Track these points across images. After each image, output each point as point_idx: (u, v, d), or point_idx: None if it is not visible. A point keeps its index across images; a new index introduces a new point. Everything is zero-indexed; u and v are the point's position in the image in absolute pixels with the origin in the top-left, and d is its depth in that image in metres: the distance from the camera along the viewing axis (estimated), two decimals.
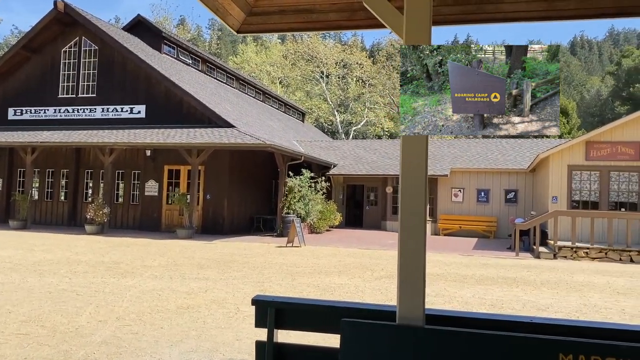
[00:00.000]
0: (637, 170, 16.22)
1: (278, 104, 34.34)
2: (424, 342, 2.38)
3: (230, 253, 13.57)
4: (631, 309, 7.81)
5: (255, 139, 17.62)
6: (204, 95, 20.76)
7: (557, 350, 2.21)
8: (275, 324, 2.80)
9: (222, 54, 69.11)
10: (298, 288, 8.75)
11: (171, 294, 7.98)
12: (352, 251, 15.08)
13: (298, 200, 19.53)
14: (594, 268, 12.76)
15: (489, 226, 22.74)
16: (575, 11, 3.27)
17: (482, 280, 10.29)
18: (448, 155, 25.17)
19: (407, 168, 2.50)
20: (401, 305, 2.45)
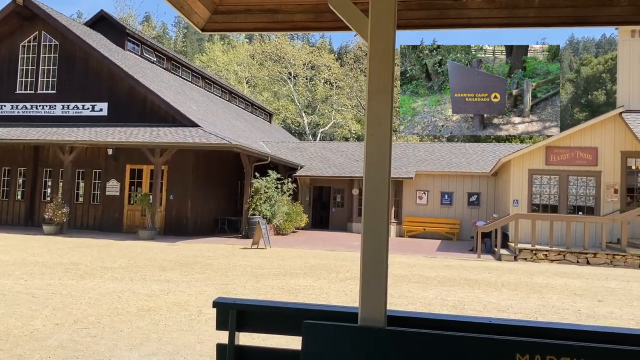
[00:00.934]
0: (594, 175, 16.77)
1: (245, 104, 34.10)
2: (386, 343, 2.38)
3: (194, 255, 13.39)
4: (587, 310, 8.05)
5: (220, 139, 17.44)
6: (169, 94, 20.44)
7: (514, 350, 2.25)
8: (237, 326, 2.76)
9: (188, 52, 68.25)
10: (263, 290, 8.69)
11: (132, 296, 7.81)
12: (318, 253, 15.09)
13: (264, 202, 19.43)
14: (553, 270, 13.11)
15: (452, 228, 23.12)
16: (535, 19, 3.34)
17: (444, 281, 10.43)
18: (413, 158, 25.48)
19: (370, 170, 2.50)
20: (363, 307, 2.45)
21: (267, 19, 3.63)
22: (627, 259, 14.24)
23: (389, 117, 2.50)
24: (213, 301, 2.83)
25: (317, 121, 50.82)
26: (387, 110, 2.49)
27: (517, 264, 14.23)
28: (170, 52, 26.74)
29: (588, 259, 14.54)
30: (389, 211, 2.45)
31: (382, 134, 2.50)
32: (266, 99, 48.89)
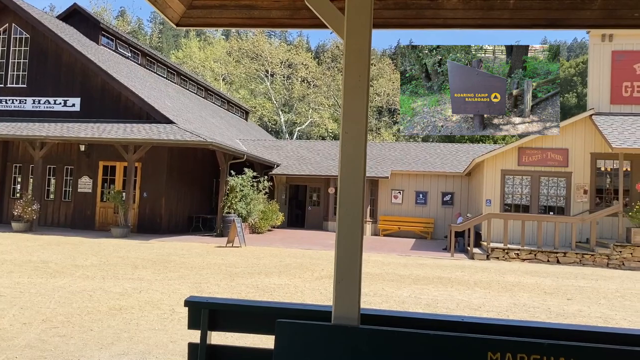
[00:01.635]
0: (565, 176, 17.12)
1: (221, 102, 33.83)
2: (359, 342, 2.38)
3: (167, 253, 13.23)
4: (556, 308, 8.21)
5: (195, 136, 17.27)
6: (143, 90, 20.15)
7: (486, 348, 2.27)
8: (209, 325, 2.73)
9: (164, 48, 67.39)
10: (237, 289, 8.64)
11: (103, 294, 7.67)
12: (293, 251, 15.06)
13: (239, 200, 19.31)
14: (524, 269, 13.34)
15: (426, 227, 23.34)
16: (509, 20, 3.38)
17: (418, 280, 10.52)
18: (389, 158, 25.64)
19: (345, 168, 2.50)
20: (337, 305, 2.45)
21: (243, 15, 3.59)
22: (596, 259, 14.58)
23: (365, 116, 2.49)
24: (185, 300, 2.79)
25: (294, 120, 50.74)
26: (362, 108, 2.49)
27: (489, 263, 14.44)
28: (145, 48, 26.35)
29: (558, 258, 14.84)
30: (364, 210, 2.43)
31: (357, 132, 2.50)
32: (243, 96, 48.59)
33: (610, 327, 3.58)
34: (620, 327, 7.06)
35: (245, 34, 52.95)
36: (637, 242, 14.30)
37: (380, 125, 53.02)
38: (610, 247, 14.56)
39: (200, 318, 2.73)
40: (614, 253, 14.44)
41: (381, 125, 53.01)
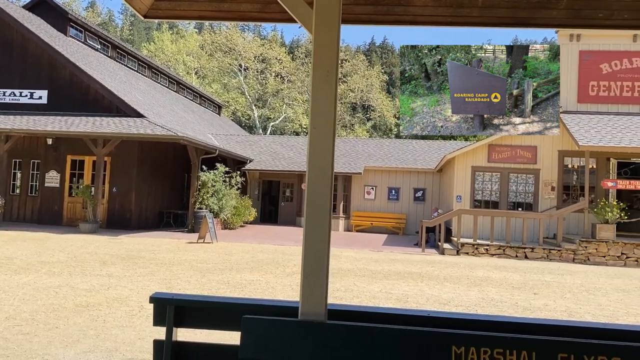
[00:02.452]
0: (533, 173, 17.47)
1: (193, 96, 33.43)
2: (326, 337, 2.38)
3: (137, 249, 13.04)
4: (523, 302, 8.37)
5: (166, 131, 17.04)
6: (113, 83, 19.77)
7: (450, 343, 2.30)
8: (175, 322, 2.70)
9: (135, 40, 66.22)
10: (207, 285, 8.57)
11: (70, 291, 7.52)
12: (266, 247, 15.01)
13: (211, 195, 19.14)
14: (493, 264, 13.58)
15: (398, 223, 23.54)
16: (478, 19, 3.42)
17: (389, 275, 10.61)
18: (362, 154, 25.75)
19: (314, 163, 2.49)
20: (304, 301, 2.44)
21: (212, 8, 3.54)
22: (562, 254, 14.93)
23: (333, 110, 2.49)
24: (150, 296, 2.75)
25: (267, 115, 50.49)
26: (331, 103, 2.48)
27: (459, 258, 14.64)
28: (115, 40, 25.83)
29: (526, 254, 15.14)
30: (333, 206, 2.43)
31: (326, 127, 2.49)
32: (215, 90, 48.11)
33: (572, 321, 3.67)
34: (583, 320, 7.25)
35: (218, 27, 52.39)
36: (602, 237, 14.69)
37: (355, 121, 53.20)
38: (576, 242, 14.93)
39: (165, 315, 2.70)
40: (580, 248, 14.80)
41: (355, 122, 53.20)
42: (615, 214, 14.49)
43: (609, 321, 7.24)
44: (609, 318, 7.48)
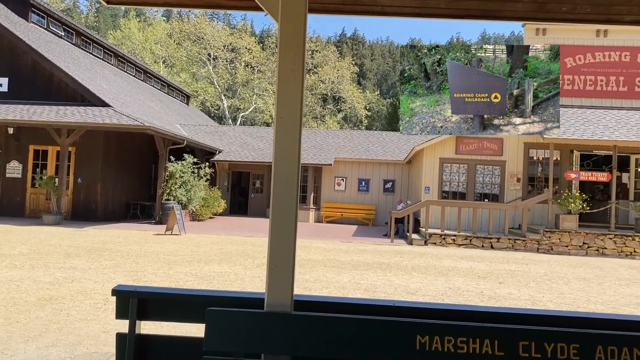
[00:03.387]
0: (500, 165, 17.80)
1: (161, 85, 32.84)
2: (292, 328, 2.38)
3: (103, 241, 12.79)
4: (489, 291, 8.54)
5: (132, 120, 16.70)
6: (77, 71, 19.25)
7: (415, 332, 2.32)
8: (138, 315, 2.65)
9: (101, 28, 64.61)
10: (175, 277, 8.46)
11: (32, 284, 7.32)
12: (235, 239, 14.92)
13: (179, 187, 18.88)
14: (460, 254, 13.81)
15: (368, 214, 23.70)
16: (446, 10, 3.43)
17: (359, 265, 10.67)
18: (332, 145, 25.79)
19: (280, 154, 2.46)
20: (269, 292, 2.43)
21: None
22: (527, 244, 15.28)
23: (299, 100, 2.47)
24: (112, 289, 2.69)
25: (237, 105, 50.01)
26: (297, 93, 2.46)
27: (427, 248, 14.84)
28: (80, 27, 25.11)
29: (492, 244, 15.45)
30: (298, 196, 2.41)
31: (292, 117, 2.46)
32: (184, 80, 47.35)
33: (534, 309, 3.76)
34: (545, 308, 7.44)
35: (186, 15, 51.49)
36: (565, 228, 15.09)
37: (325, 112, 53.18)
38: (541, 232, 15.30)
39: (128, 307, 2.65)
40: (544, 238, 15.18)
41: (326, 113, 53.18)
42: (578, 205, 14.90)
43: (570, 309, 7.46)
44: (570, 306, 7.70)
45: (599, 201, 17.84)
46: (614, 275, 11.19)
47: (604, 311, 7.43)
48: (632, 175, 17.70)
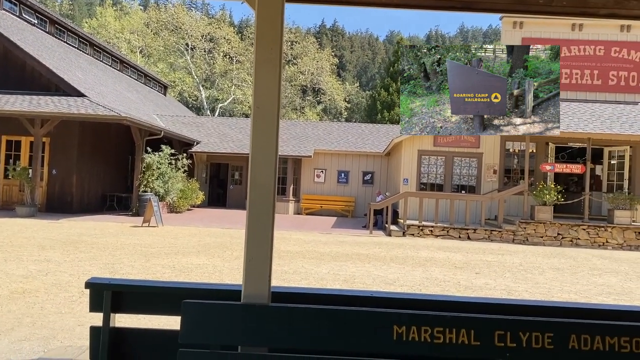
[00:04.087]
0: (477, 157, 17.99)
1: (137, 75, 32.31)
2: (269, 319, 2.36)
3: (79, 233, 12.59)
4: (465, 281, 8.65)
5: (108, 111, 16.42)
6: (52, 60, 18.83)
7: (392, 322, 2.32)
8: (112, 307, 2.60)
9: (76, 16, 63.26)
10: (152, 270, 8.37)
11: (4, 277, 7.17)
12: (213, 231, 14.83)
13: (156, 178, 18.67)
14: (437, 245, 13.94)
15: (347, 206, 23.77)
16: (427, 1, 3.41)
17: (338, 257, 10.70)
18: (312, 137, 25.75)
19: (257, 144, 2.44)
20: (246, 284, 2.41)
21: None
22: (503, 235, 15.50)
23: (277, 90, 2.44)
24: (86, 282, 2.64)
25: (215, 96, 49.53)
26: (274, 82, 2.43)
27: (405, 239, 14.95)
28: (54, 15, 24.51)
29: (469, 235, 15.63)
30: (276, 186, 2.38)
31: (269, 106, 2.44)
32: (161, 70, 46.67)
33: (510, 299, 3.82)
34: (521, 298, 7.56)
35: (164, 4, 50.71)
36: (540, 219, 15.34)
37: (305, 104, 53.03)
38: (516, 223, 15.53)
39: (102, 300, 2.60)
40: (519, 229, 15.41)
41: (305, 104, 53.03)
42: (553, 197, 15.15)
43: (545, 298, 7.59)
44: (544, 295, 7.84)
45: (573, 193, 18.19)
46: (587, 265, 11.43)
47: (577, 300, 7.59)
48: (605, 168, 18.07)
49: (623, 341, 2.32)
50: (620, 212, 15.30)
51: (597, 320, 2.45)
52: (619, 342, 2.32)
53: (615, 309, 2.75)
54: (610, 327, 2.35)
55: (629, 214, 15.32)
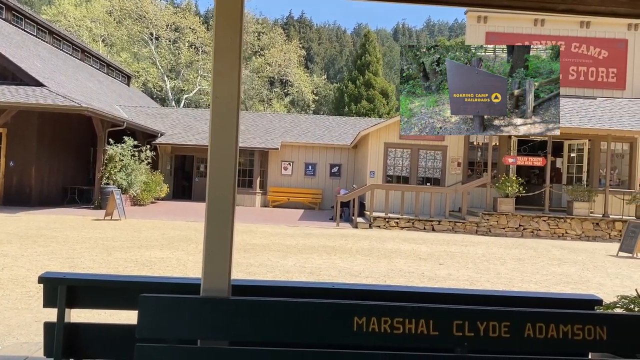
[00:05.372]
0: (441, 150, 18.24)
1: (100, 65, 31.48)
2: (229, 313, 2.33)
3: (37, 226, 12.23)
4: (429, 272, 8.77)
5: (69, 101, 15.96)
6: (8, 48, 18.15)
7: (353, 314, 2.32)
8: (67, 303, 2.53)
9: (35, 3, 61.10)
10: (113, 264, 8.20)
11: None
12: (178, 224, 14.63)
13: (119, 170, 18.28)
14: (403, 236, 14.10)
15: (314, 198, 23.80)
16: None
17: (304, 249, 10.71)
18: (279, 129, 25.63)
19: (216, 135, 2.39)
20: (206, 278, 2.38)
21: None
22: (466, 226, 15.79)
23: (237, 80, 2.40)
24: (39, 276, 2.56)
25: (181, 87, 48.71)
26: (234, 72, 2.39)
27: (371, 231, 15.07)
28: (11, 2, 23.60)
29: (434, 226, 15.87)
30: (236, 179, 2.35)
31: (229, 97, 2.40)
32: (125, 60, 45.57)
33: (468, 289, 3.88)
34: (483, 288, 7.72)
35: None
36: (502, 210, 15.68)
37: (272, 96, 52.70)
38: (479, 215, 15.84)
39: (57, 295, 2.53)
40: (482, 221, 15.73)
41: (273, 96, 52.71)
42: (515, 189, 15.50)
43: (506, 288, 7.77)
44: (506, 285, 8.02)
45: (535, 185, 18.64)
46: (547, 255, 11.75)
47: (537, 290, 7.79)
48: (565, 160, 18.57)
49: (576, 329, 2.38)
50: (579, 203, 15.78)
51: (552, 309, 2.51)
52: (572, 330, 2.38)
53: (569, 298, 2.83)
54: (564, 315, 2.41)
55: (587, 205, 15.81)
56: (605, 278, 9.08)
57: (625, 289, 7.42)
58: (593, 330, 2.39)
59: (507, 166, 17.38)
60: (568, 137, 17.45)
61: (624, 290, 7.07)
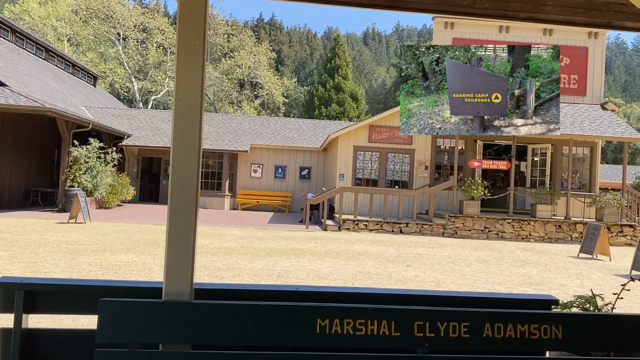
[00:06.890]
0: (409, 153, 18.47)
1: (65, 65, 30.77)
2: (191, 317, 2.32)
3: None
4: (396, 274, 8.86)
5: (32, 101, 15.56)
6: None
7: (315, 316, 2.34)
8: (25, 308, 2.47)
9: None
10: (77, 268, 8.03)
11: None
12: (144, 227, 14.40)
13: (84, 172, 17.90)
14: (371, 238, 14.21)
15: (284, 201, 23.76)
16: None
17: (273, 252, 10.68)
18: (249, 132, 25.52)
19: (179, 138, 2.38)
20: (168, 281, 2.36)
21: None
22: (433, 228, 16.01)
23: (200, 82, 2.39)
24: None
25: (149, 88, 48.00)
26: (197, 74, 2.38)
27: (340, 234, 15.14)
28: None
29: (401, 228, 16.04)
30: (199, 182, 2.34)
31: (192, 99, 2.39)
32: (91, 60, 44.66)
33: (429, 290, 3.94)
34: (448, 289, 7.84)
35: None
36: (468, 213, 15.96)
37: (242, 98, 52.40)
38: (446, 217, 16.08)
39: (14, 300, 2.47)
40: (449, 223, 15.97)
41: (242, 99, 52.41)
42: (480, 192, 15.79)
43: (471, 289, 7.91)
44: (470, 287, 8.17)
45: (500, 188, 19.04)
46: (511, 257, 12.01)
47: (500, 290, 7.96)
48: (529, 164, 19.03)
49: (533, 328, 2.45)
50: (542, 206, 16.18)
51: (510, 310, 2.58)
52: (529, 329, 2.45)
53: (527, 298, 2.91)
54: (522, 316, 2.48)
55: (550, 208, 16.23)
56: (566, 279, 9.33)
57: (585, 289, 7.66)
58: (549, 329, 2.47)
59: (473, 169, 17.71)
60: (532, 141, 17.89)
61: (584, 290, 7.29)
